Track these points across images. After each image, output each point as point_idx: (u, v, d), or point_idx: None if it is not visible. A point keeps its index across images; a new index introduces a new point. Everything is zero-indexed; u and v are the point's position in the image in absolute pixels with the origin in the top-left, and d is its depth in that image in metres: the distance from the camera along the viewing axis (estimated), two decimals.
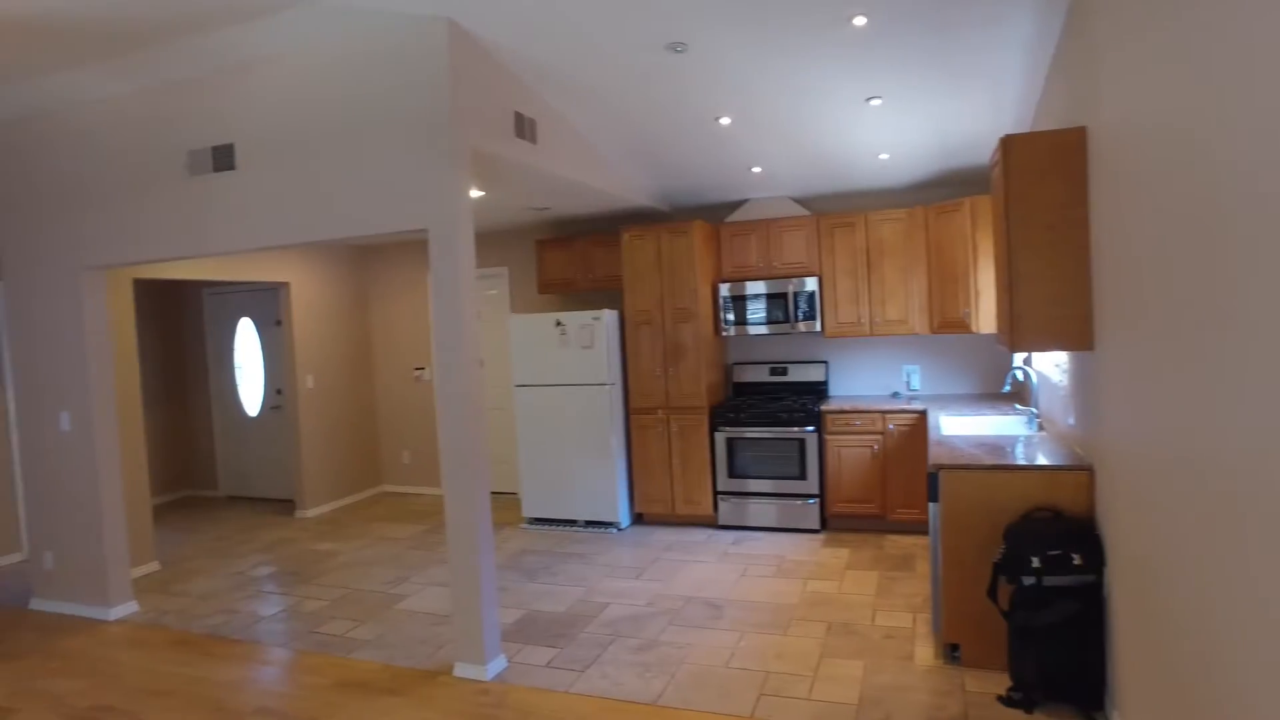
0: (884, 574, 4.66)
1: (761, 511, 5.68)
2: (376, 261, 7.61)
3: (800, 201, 6.06)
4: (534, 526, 6.14)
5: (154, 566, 5.54)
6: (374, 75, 3.59)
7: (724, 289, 5.91)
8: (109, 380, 4.68)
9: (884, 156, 5.07)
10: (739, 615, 4.17)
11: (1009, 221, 3.00)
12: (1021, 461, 3.34)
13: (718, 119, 4.49)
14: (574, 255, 6.37)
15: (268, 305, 7.44)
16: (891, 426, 5.34)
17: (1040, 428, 4.23)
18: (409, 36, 3.49)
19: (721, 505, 5.78)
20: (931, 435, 4.17)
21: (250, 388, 7.70)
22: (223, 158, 4.02)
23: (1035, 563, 2.88)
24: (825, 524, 5.65)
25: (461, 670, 3.63)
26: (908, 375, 5.87)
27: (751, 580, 4.69)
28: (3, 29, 3.26)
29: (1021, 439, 3.87)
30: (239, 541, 6.19)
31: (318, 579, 5.14)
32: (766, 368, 6.17)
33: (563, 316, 5.90)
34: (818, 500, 5.53)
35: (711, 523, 5.89)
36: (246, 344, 7.68)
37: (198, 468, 8.03)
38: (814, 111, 4.36)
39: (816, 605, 4.24)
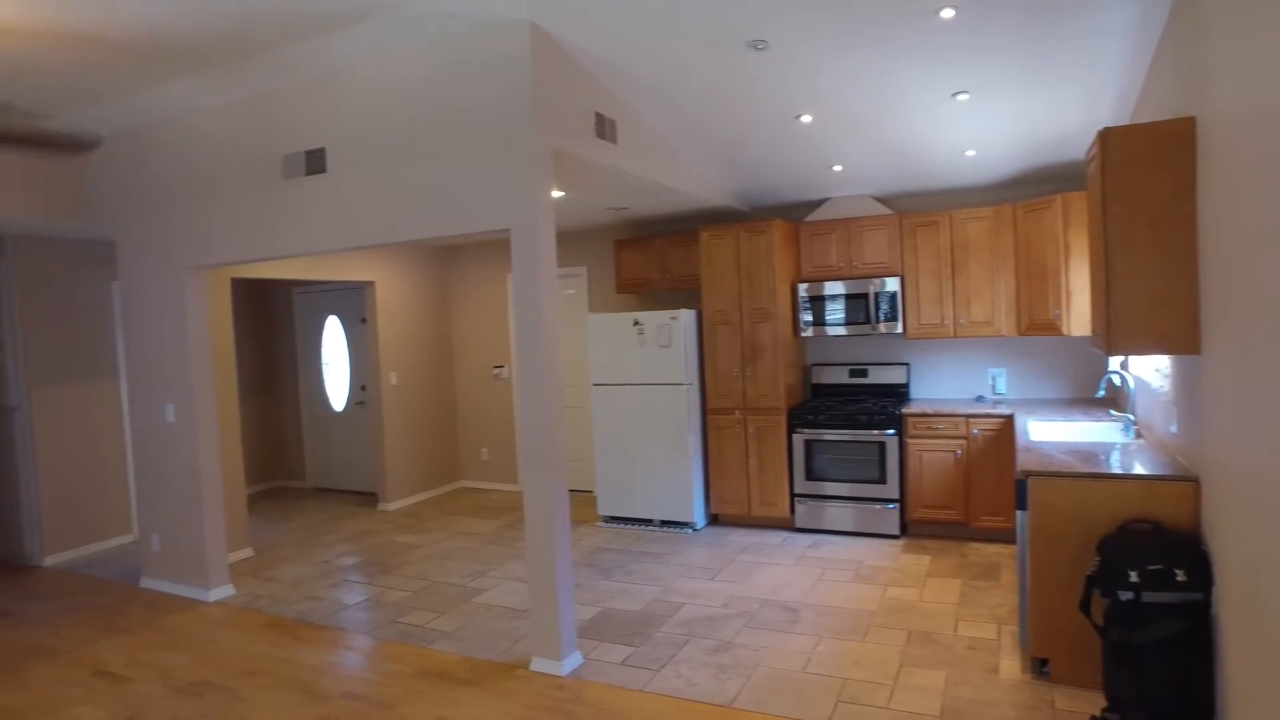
0: (967, 583, 4.52)
1: (839, 515, 5.58)
2: (457, 261, 7.79)
3: (882, 200, 5.92)
4: (609, 525, 6.18)
5: (248, 552, 5.80)
6: (458, 79, 3.67)
7: (803, 289, 5.83)
8: (209, 375, 4.92)
9: (970, 153, 4.91)
10: (816, 620, 4.10)
11: (1107, 218, 2.86)
12: (1118, 470, 3.19)
13: (798, 117, 4.43)
14: (652, 255, 6.38)
15: (354, 304, 7.69)
16: (976, 431, 5.17)
17: (1138, 435, 4.03)
18: (491, 40, 3.55)
19: (798, 508, 5.71)
20: (1019, 441, 4.02)
21: (336, 384, 7.98)
22: (315, 161, 4.17)
23: (1133, 577, 2.75)
24: (905, 530, 5.51)
25: (538, 665, 3.68)
26: (993, 378, 5.68)
27: (829, 585, 4.61)
28: (122, 49, 3.46)
29: (1117, 446, 3.69)
30: (325, 531, 6.42)
31: (399, 570, 5.29)
32: (846, 369, 6.06)
33: (641, 316, 5.92)
34: (898, 505, 5.40)
35: (788, 525, 5.82)
36: (333, 341, 7.96)
37: (287, 460, 8.37)
38: (897, 108, 4.26)
39: (896, 612, 4.14)
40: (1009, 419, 5.05)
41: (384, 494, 7.07)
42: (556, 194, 5.06)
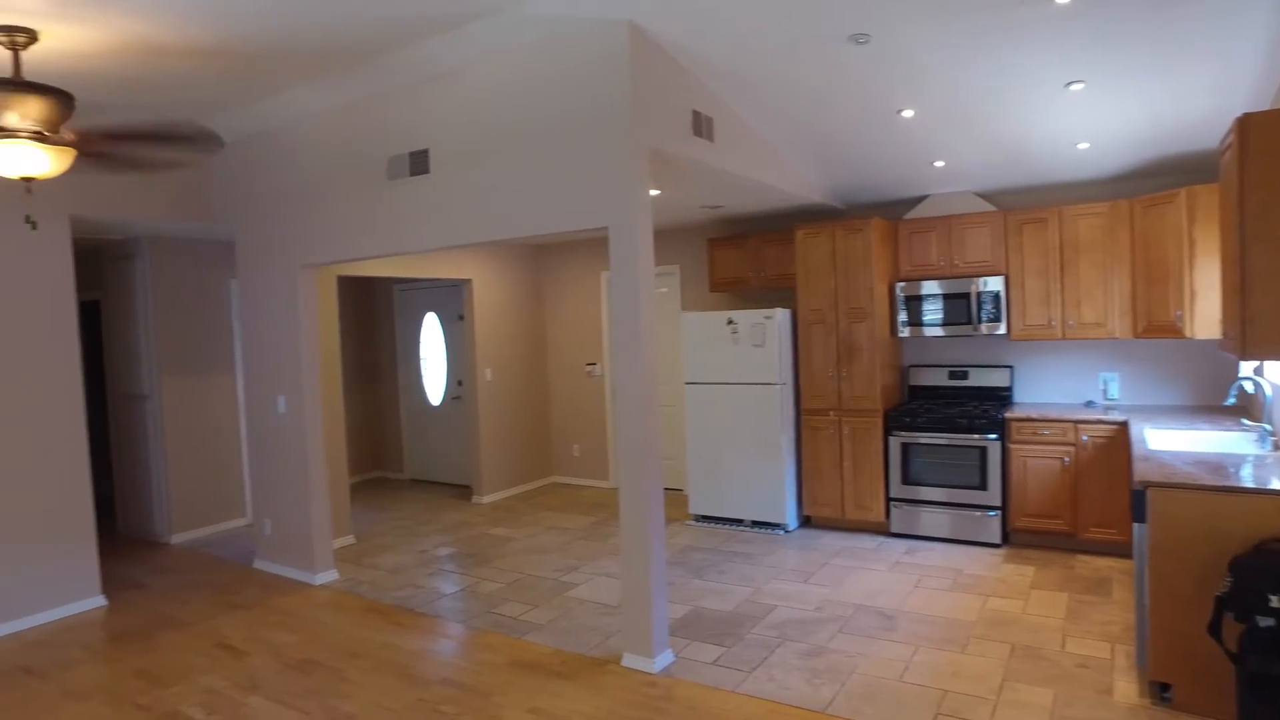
0: (1075, 597, 4.30)
1: (936, 521, 5.40)
2: (551, 259, 7.91)
3: (985, 196, 5.70)
4: (700, 524, 6.16)
5: (350, 540, 6.05)
6: (557, 79, 3.72)
7: (901, 288, 5.67)
8: (317, 369, 5.15)
9: (1083, 146, 4.67)
10: (913, 628, 3.98)
11: (1244, 212, 2.67)
12: (1252, 484, 2.97)
13: (899, 112, 4.31)
14: (746, 253, 6.33)
15: (452, 301, 7.92)
16: (1085, 438, 4.92)
17: (1276, 447, 3.75)
18: (590, 40, 3.59)
19: (894, 512, 5.56)
20: (1136, 449, 3.80)
21: (434, 379, 8.23)
22: (418, 163, 4.30)
23: (1274, 601, 2.55)
24: (1007, 538, 5.29)
25: (629, 661, 3.70)
26: (1104, 383, 5.39)
27: (926, 592, 4.47)
28: (248, 61, 3.66)
29: (1250, 458, 3.44)
30: (422, 522, 6.63)
31: (493, 562, 5.42)
32: (945, 371, 5.87)
33: (734, 315, 5.88)
34: (999, 513, 5.19)
35: (882, 530, 5.68)
36: (431, 337, 8.21)
37: (386, 451, 8.69)
38: (1005, 100, 4.09)
39: (998, 624, 3.98)
40: (1122, 426, 4.78)
41: (478, 487, 7.25)
42: (653, 192, 5.08)
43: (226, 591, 5.02)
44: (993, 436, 5.17)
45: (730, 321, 5.91)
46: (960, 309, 5.47)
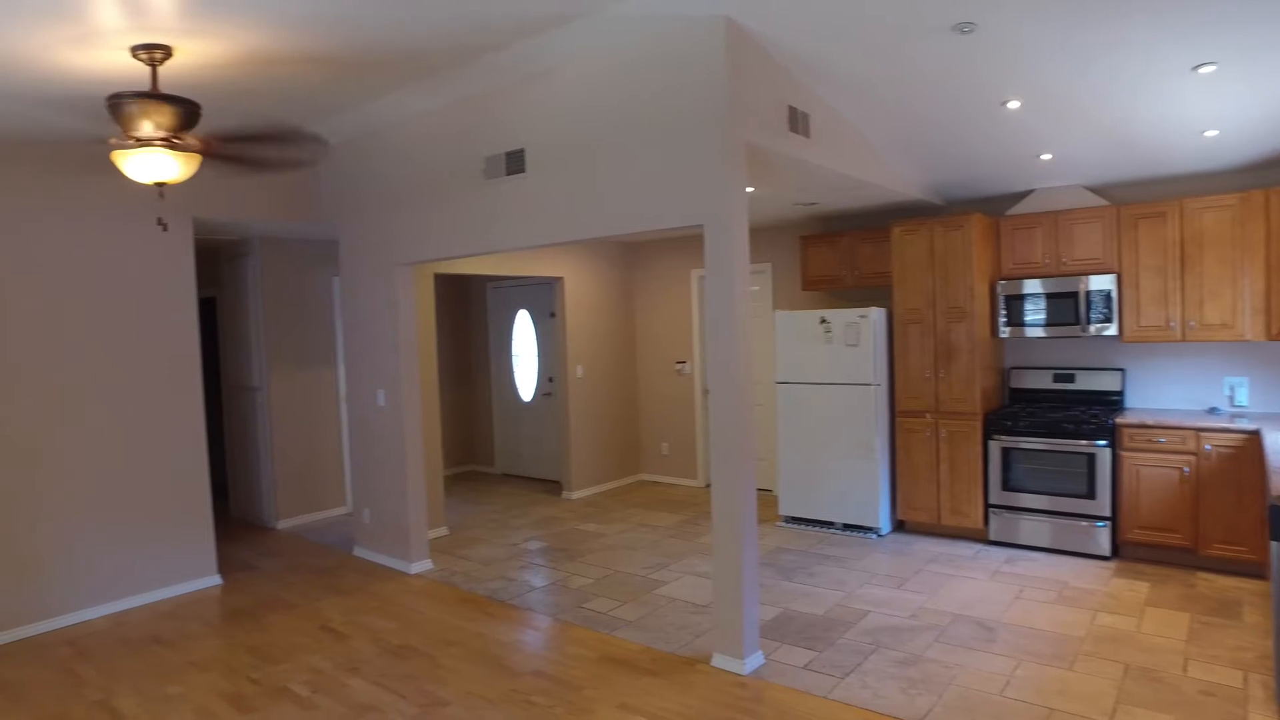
0: (1197, 618, 4.04)
1: (1038, 530, 5.17)
2: (642, 257, 7.94)
3: (1096, 190, 5.42)
4: (790, 525, 6.08)
5: (444, 531, 6.22)
6: (652, 77, 3.73)
7: (1002, 287, 5.45)
8: (415, 364, 5.31)
9: (1210, 133, 4.38)
10: (1014, 640, 3.82)
11: None
12: None
13: (1005, 103, 4.14)
14: (840, 251, 6.20)
15: (543, 298, 8.04)
16: (1209, 447, 4.61)
17: None
18: (686, 37, 3.57)
19: (993, 519, 5.35)
20: (1272, 461, 3.53)
21: (525, 375, 8.38)
22: (514, 162, 4.38)
23: None
24: (1116, 551, 5.02)
25: (719, 661, 3.68)
26: (1231, 388, 5.05)
27: (1028, 604, 4.28)
28: (355, 66, 3.80)
29: None
30: (513, 516, 6.76)
31: (583, 557, 5.48)
32: (1049, 373, 5.61)
33: (828, 314, 5.78)
34: (1109, 524, 4.92)
35: (980, 537, 5.47)
36: (523, 334, 8.36)
37: (478, 445, 8.90)
38: (1123, 87, 3.87)
39: (1108, 642, 3.78)
40: (1254, 435, 4.46)
41: (568, 483, 7.35)
42: (747, 190, 5.03)
43: (329, 576, 5.24)
44: (1103, 443, 4.91)
45: (823, 320, 5.80)
46: (1067, 309, 5.22)
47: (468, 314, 8.89)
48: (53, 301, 4.52)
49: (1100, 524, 4.94)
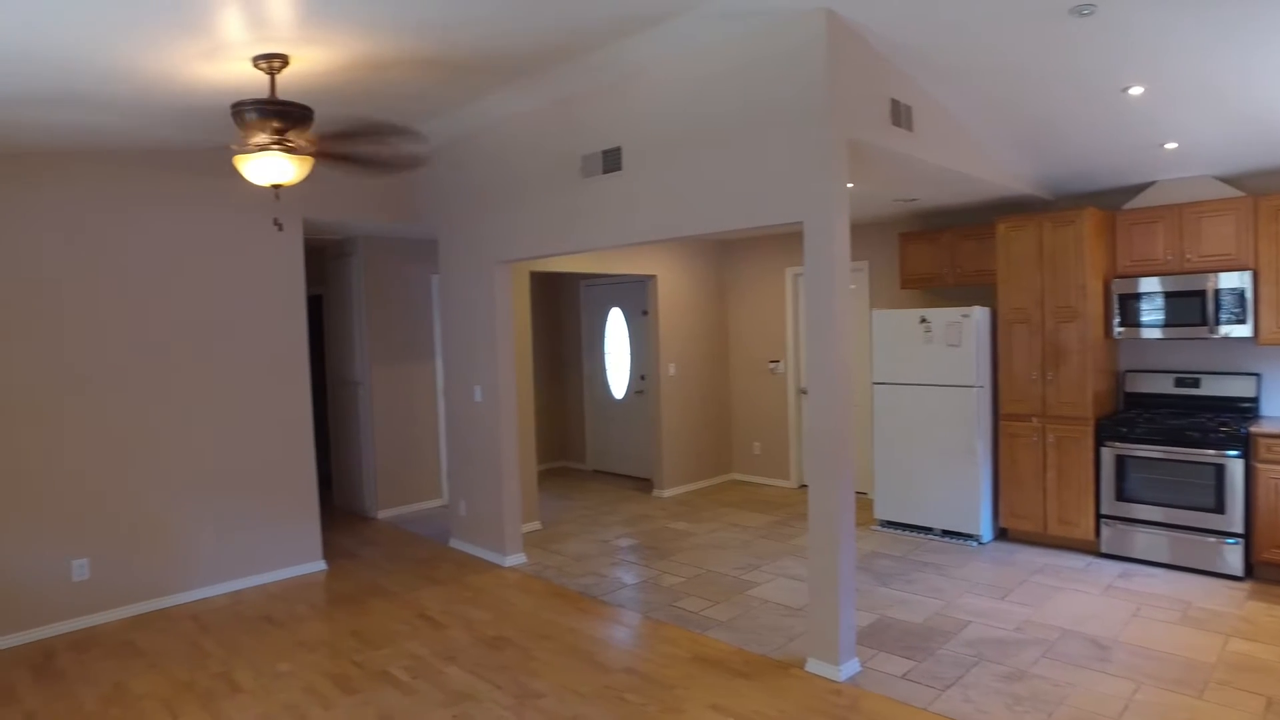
0: None
1: (1156, 544, 4.87)
2: (735, 255, 7.88)
3: (1227, 180, 5.06)
4: (885, 529, 5.92)
5: (536, 525, 6.32)
6: (750, 73, 3.68)
7: (1117, 285, 5.16)
8: (512, 360, 5.41)
9: None
10: (1132, 661, 3.60)
11: None
12: None
13: (1125, 90, 3.91)
14: (940, 249, 6.00)
15: (636, 296, 8.08)
16: None
17: None
18: (785, 31, 3.51)
19: (1104, 530, 5.07)
20: None
21: (617, 373, 8.44)
22: (611, 160, 4.41)
23: None
24: (1250, 571, 4.66)
25: (813, 666, 3.61)
26: None
27: (1147, 623, 4.03)
28: (459, 69, 3.90)
29: None
30: (604, 512, 6.82)
31: (674, 556, 5.47)
32: (1170, 377, 5.27)
33: (928, 313, 5.59)
34: (1240, 541, 4.59)
35: (1091, 549, 5.19)
36: (615, 332, 8.42)
37: (570, 442, 9.01)
38: (1264, 69, 3.59)
39: (1244, 671, 3.51)
40: None
41: (659, 481, 7.36)
42: (847, 185, 4.92)
43: (426, 566, 5.40)
44: (1234, 453, 4.58)
45: (923, 320, 5.62)
46: (1191, 308, 4.89)
47: (561, 311, 9.01)
48: (179, 300, 4.82)
49: (1231, 541, 4.61)
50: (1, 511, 4.22)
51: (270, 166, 3.19)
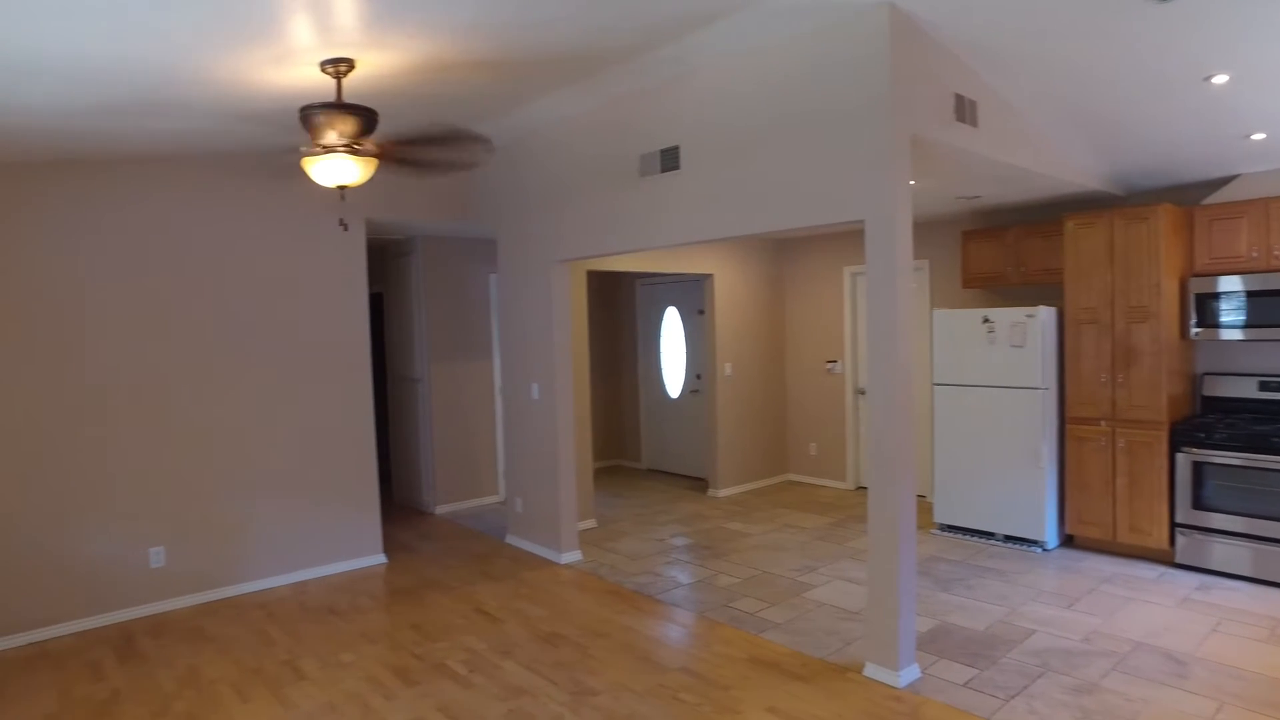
0: None
1: (1237, 555, 4.66)
2: (793, 254, 7.80)
3: None
4: (945, 533, 5.79)
5: (592, 523, 6.35)
6: (810, 69, 3.63)
7: (1195, 284, 4.95)
8: (569, 358, 5.45)
9: None
10: (1213, 679, 3.45)
11: None
12: None
13: (1208, 78, 3.74)
14: (1004, 247, 5.84)
15: (692, 295, 8.06)
16: None
17: None
18: (847, 26, 3.46)
19: (1179, 540, 4.87)
20: None
21: (672, 372, 8.43)
22: (669, 159, 4.40)
23: None
24: None
25: (872, 671, 3.55)
26: None
27: (1228, 639, 3.86)
28: (513, 69, 3.94)
29: None
30: (659, 511, 6.82)
31: (729, 556, 5.44)
32: (1254, 381, 5.04)
33: (991, 313, 5.45)
34: None
35: (1165, 559, 5.00)
36: (671, 331, 8.41)
37: (625, 440, 9.04)
38: None
39: None
40: None
41: (714, 480, 7.33)
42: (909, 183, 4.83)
43: (483, 562, 5.47)
44: None
45: (986, 320, 5.48)
46: (1278, 309, 4.67)
47: (617, 310, 9.04)
48: (249, 299, 4.97)
49: None
50: (88, 500, 4.42)
51: (336, 168, 3.27)
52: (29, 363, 4.27)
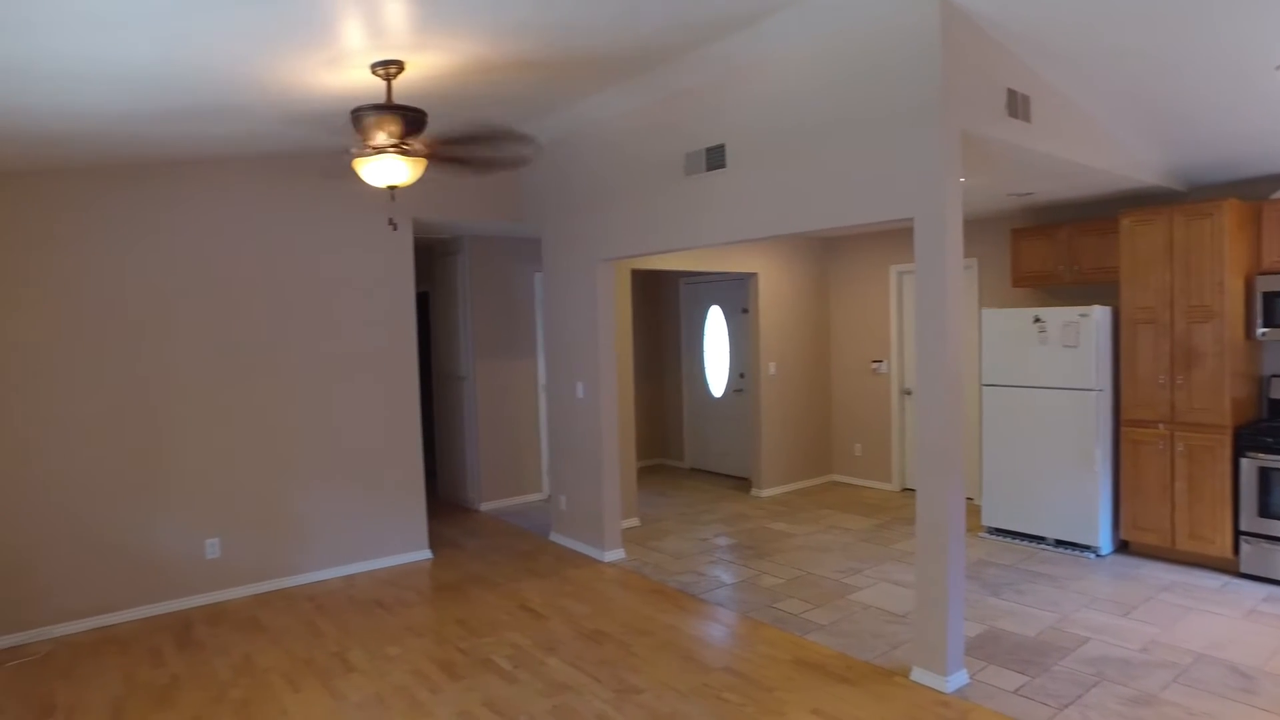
0: None
1: None
2: (837, 252, 7.72)
3: None
4: (993, 537, 5.68)
5: (635, 522, 6.36)
6: (858, 65, 3.58)
7: (1262, 282, 4.77)
8: (613, 357, 5.46)
9: None
10: None
11: None
12: None
13: (1279, 67, 3.60)
14: (1056, 245, 5.70)
15: (736, 294, 8.02)
16: None
17: None
18: (896, 22, 3.40)
19: (1244, 548, 4.70)
20: None
21: (715, 371, 8.40)
22: (715, 157, 4.38)
23: None
24: None
25: (919, 675, 3.50)
26: None
27: None
28: (559, 69, 3.97)
29: None
30: (702, 511, 6.80)
31: (773, 556, 5.41)
32: None
33: (1042, 312, 5.33)
34: None
35: (1228, 568, 4.83)
36: (715, 330, 8.38)
37: (668, 439, 9.03)
38: None
39: None
40: None
41: (757, 480, 7.29)
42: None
43: (527, 559, 5.52)
44: None
45: (1037, 319, 5.36)
46: None
47: (660, 309, 9.04)
48: (301, 298, 5.08)
49: None
50: (148, 492, 4.57)
51: (387, 168, 3.32)
52: (96, 361, 4.42)
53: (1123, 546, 5.34)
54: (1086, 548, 5.25)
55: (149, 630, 4.37)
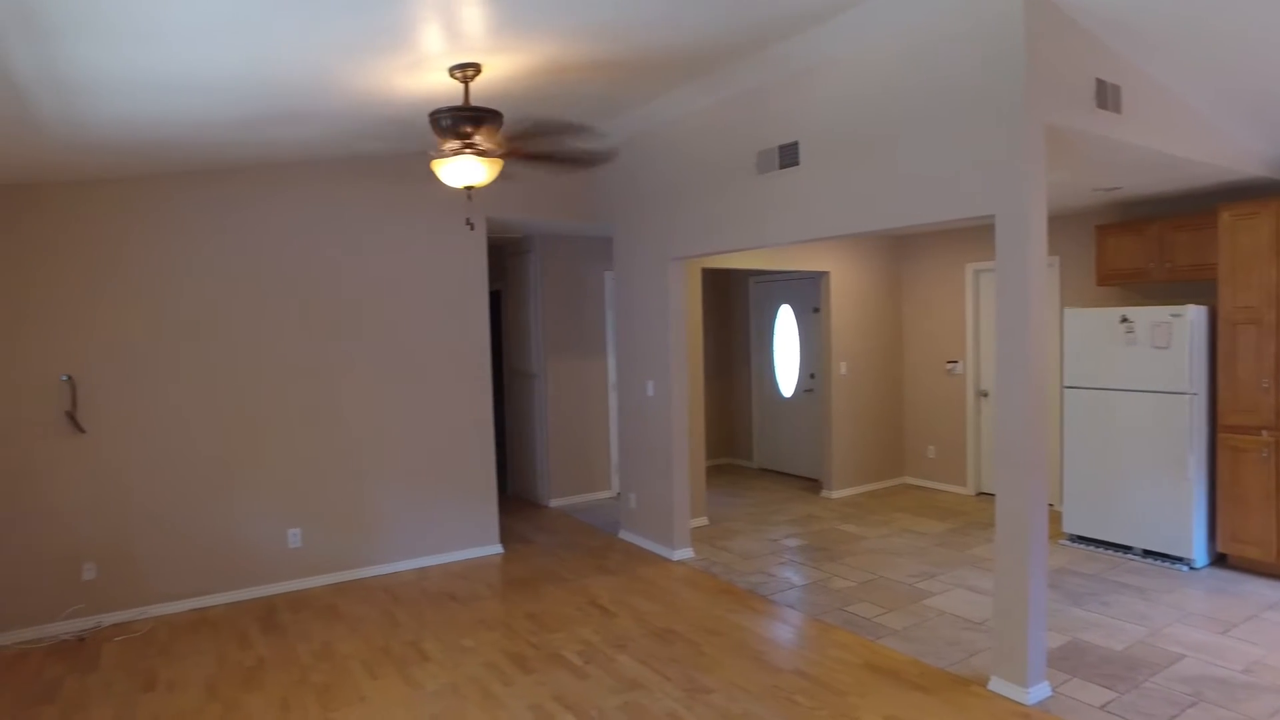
0: None
1: None
2: (911, 250, 7.55)
3: None
4: (1076, 545, 5.47)
5: (704, 521, 6.35)
6: (935, 58, 3.50)
7: None
8: (684, 356, 5.46)
9: None
10: None
11: None
12: None
13: None
14: (1146, 241, 5.45)
15: (807, 293, 7.92)
16: None
17: None
18: (976, 12, 3.31)
19: None
20: None
21: (786, 370, 8.31)
22: (788, 155, 4.33)
23: None
24: None
25: (997, 686, 3.39)
26: None
27: None
28: (630, 69, 3.98)
29: None
30: (771, 511, 6.74)
31: (844, 559, 5.32)
32: None
33: (1130, 312, 5.10)
34: None
35: None
36: (785, 329, 8.29)
37: (737, 439, 8.98)
38: None
39: None
40: None
41: (828, 481, 7.19)
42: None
43: (597, 556, 5.56)
44: None
45: (1125, 319, 5.13)
46: None
47: (729, 308, 8.99)
48: (381, 298, 5.23)
49: None
50: (238, 483, 4.78)
51: (464, 169, 3.39)
52: (194, 360, 4.64)
53: (1219, 560, 5.08)
54: (1179, 559, 5.01)
55: (237, 613, 4.56)
